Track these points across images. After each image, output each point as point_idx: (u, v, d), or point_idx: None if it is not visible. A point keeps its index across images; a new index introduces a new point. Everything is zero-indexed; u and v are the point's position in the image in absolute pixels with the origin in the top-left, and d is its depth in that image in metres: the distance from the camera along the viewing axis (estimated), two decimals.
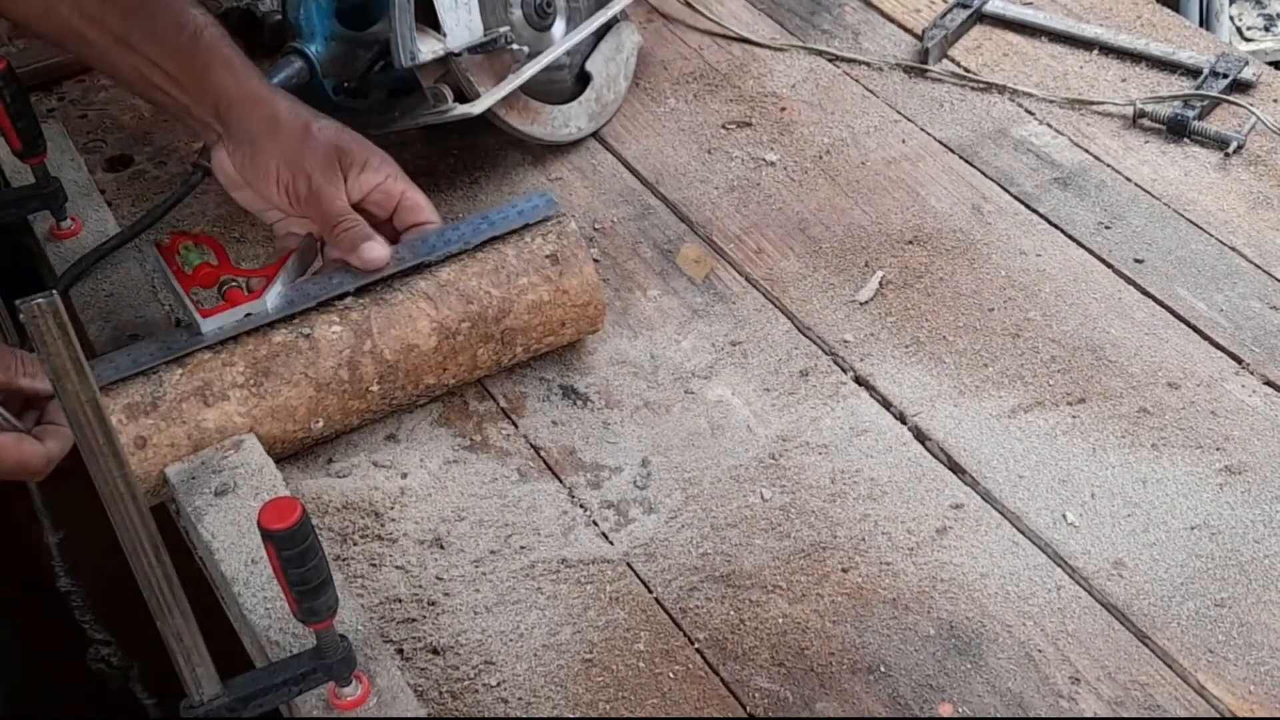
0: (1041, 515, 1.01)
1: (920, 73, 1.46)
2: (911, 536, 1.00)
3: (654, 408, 1.11)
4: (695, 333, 1.18)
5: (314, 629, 0.81)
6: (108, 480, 0.70)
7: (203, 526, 0.95)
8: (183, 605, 0.76)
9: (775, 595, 0.96)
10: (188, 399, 1.00)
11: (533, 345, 1.11)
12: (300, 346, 1.03)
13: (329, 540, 1.00)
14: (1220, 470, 1.04)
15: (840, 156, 1.36)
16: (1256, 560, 0.97)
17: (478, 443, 1.09)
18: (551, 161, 1.37)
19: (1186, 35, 1.49)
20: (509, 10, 1.29)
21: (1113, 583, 0.96)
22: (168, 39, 1.07)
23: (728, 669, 0.92)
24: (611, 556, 1.00)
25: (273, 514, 0.76)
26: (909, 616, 0.95)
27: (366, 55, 1.27)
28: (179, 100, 1.09)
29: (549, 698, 0.91)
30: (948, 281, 1.21)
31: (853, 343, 1.16)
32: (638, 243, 1.28)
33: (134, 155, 1.37)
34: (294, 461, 1.06)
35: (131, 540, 0.73)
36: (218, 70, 1.08)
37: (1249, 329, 1.15)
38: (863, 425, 1.09)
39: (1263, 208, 1.27)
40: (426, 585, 0.97)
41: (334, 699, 0.85)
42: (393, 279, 1.07)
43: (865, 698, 0.90)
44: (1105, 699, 0.89)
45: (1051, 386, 1.11)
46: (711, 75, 1.48)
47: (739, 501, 1.03)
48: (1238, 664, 0.91)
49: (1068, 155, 1.35)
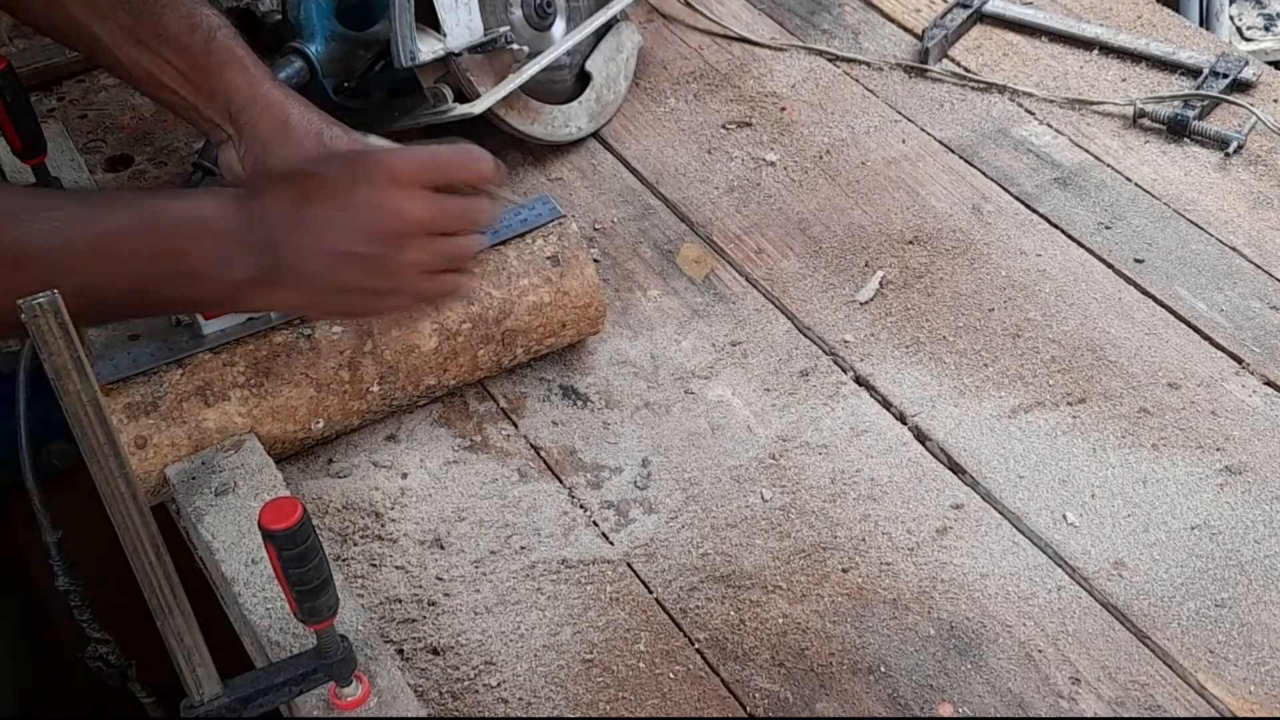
0: (1042, 515, 1.01)
1: (920, 73, 1.46)
2: (911, 536, 1.00)
3: (654, 408, 1.11)
4: (695, 333, 1.18)
5: (314, 629, 0.81)
6: (108, 480, 0.70)
7: (203, 526, 0.95)
8: (183, 605, 0.76)
9: (775, 595, 0.96)
10: (188, 399, 1.00)
11: (533, 346, 1.12)
12: (301, 347, 1.03)
13: (329, 540, 1.00)
14: (1220, 470, 1.04)
15: (840, 156, 1.36)
16: (1257, 560, 0.97)
17: (478, 443, 1.09)
18: (551, 161, 1.37)
19: (1186, 35, 1.49)
20: (509, 10, 1.29)
21: (1113, 583, 0.96)
22: (180, 38, 1.07)
23: (728, 669, 0.92)
24: (612, 557, 1.00)
25: (273, 514, 0.76)
26: (909, 617, 0.95)
27: (366, 55, 1.27)
28: (188, 100, 1.09)
29: (549, 698, 0.91)
30: (948, 281, 1.21)
31: (853, 343, 1.16)
32: (638, 243, 1.28)
33: (134, 155, 1.37)
34: (294, 462, 1.06)
35: (132, 540, 0.73)
36: (230, 71, 1.07)
37: (1249, 329, 1.15)
38: (863, 425, 1.09)
39: (1263, 208, 1.27)
40: (427, 585, 0.97)
41: (334, 699, 0.85)
42: None
43: (865, 698, 0.90)
44: (1105, 699, 0.90)
45: (1051, 386, 1.11)
46: (711, 75, 1.48)
47: (739, 502, 1.03)
48: (1238, 664, 0.91)
49: (1068, 155, 1.35)
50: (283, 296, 0.95)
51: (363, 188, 0.93)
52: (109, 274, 0.89)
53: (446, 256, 0.96)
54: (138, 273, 0.90)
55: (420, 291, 0.97)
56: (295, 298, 0.95)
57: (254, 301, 0.96)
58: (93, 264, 0.88)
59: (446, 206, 0.95)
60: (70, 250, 0.88)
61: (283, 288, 0.94)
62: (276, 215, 0.93)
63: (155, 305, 0.95)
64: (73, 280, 0.85)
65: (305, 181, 0.95)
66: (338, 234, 0.92)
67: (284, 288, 0.94)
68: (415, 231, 0.94)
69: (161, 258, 0.90)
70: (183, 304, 0.97)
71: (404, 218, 0.93)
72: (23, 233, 0.87)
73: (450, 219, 0.96)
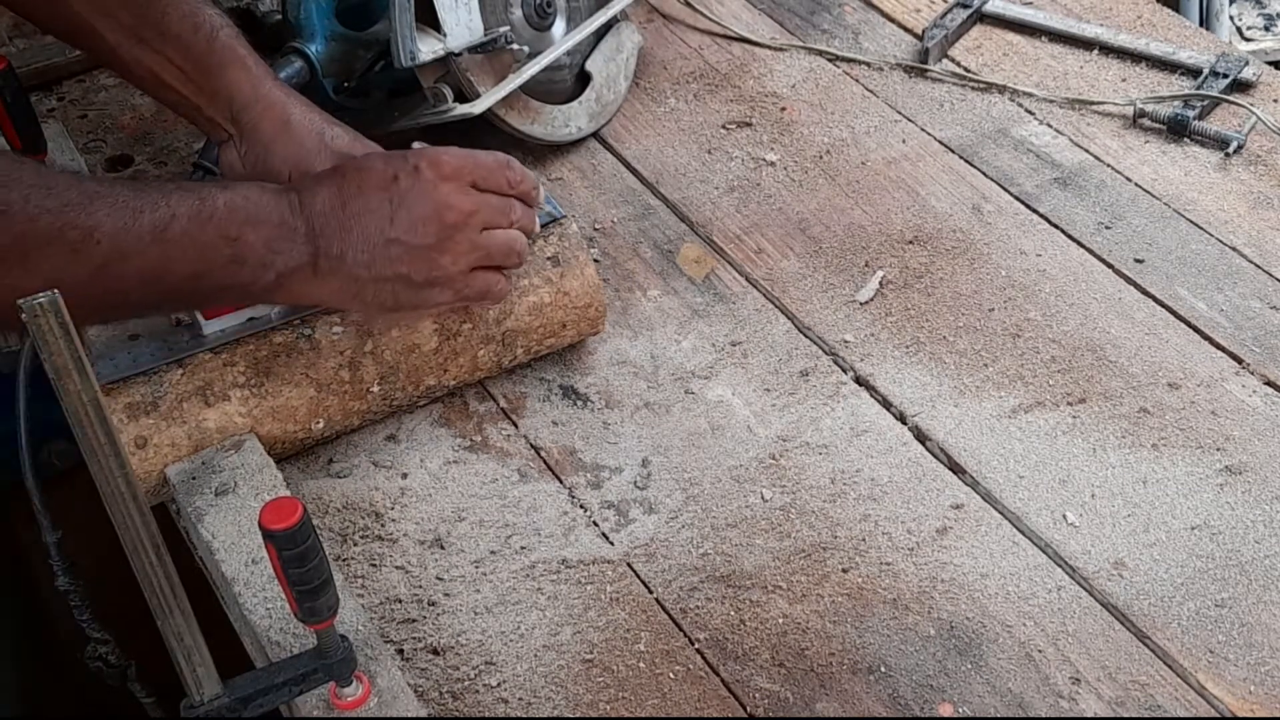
0: (1042, 515, 1.01)
1: (920, 73, 1.46)
2: (911, 537, 1.00)
3: (654, 408, 1.11)
4: (695, 333, 1.18)
5: (314, 629, 0.81)
6: (108, 480, 0.70)
7: (203, 526, 0.95)
8: (183, 605, 0.76)
9: (775, 595, 0.96)
10: (188, 399, 1.00)
11: (533, 347, 1.12)
12: (301, 347, 1.03)
13: (329, 540, 1.00)
14: (1220, 470, 1.04)
15: (840, 156, 1.36)
16: (1257, 560, 0.97)
17: (478, 443, 1.09)
18: (551, 161, 1.37)
19: (1186, 35, 1.49)
20: (509, 10, 1.29)
21: (1113, 583, 0.96)
22: (182, 37, 1.07)
23: (728, 669, 0.92)
24: (612, 557, 1.00)
25: (273, 514, 0.76)
26: (909, 617, 0.95)
27: (366, 55, 1.27)
28: (190, 99, 1.09)
29: (549, 698, 0.91)
30: (948, 282, 1.21)
31: (853, 343, 1.16)
32: (638, 243, 1.28)
33: (134, 155, 1.37)
34: (294, 462, 1.06)
35: (132, 540, 0.73)
36: (233, 71, 1.07)
37: (1249, 329, 1.15)
38: (863, 425, 1.09)
39: (1263, 208, 1.27)
40: (427, 585, 0.97)
41: (334, 699, 0.85)
42: None
43: (865, 698, 0.90)
44: (1105, 699, 0.90)
45: (1052, 386, 1.11)
46: (711, 75, 1.48)
47: (739, 502, 1.03)
48: (1238, 664, 0.91)
49: (1068, 155, 1.35)
50: (327, 287, 0.96)
51: (410, 179, 0.96)
52: (169, 259, 0.90)
53: (488, 252, 1.00)
54: (195, 258, 0.91)
55: (462, 285, 1.00)
56: (339, 288, 0.97)
57: (299, 291, 0.97)
58: (155, 249, 0.89)
59: (491, 202, 1.00)
60: (133, 234, 0.88)
61: (328, 278, 0.96)
62: (322, 206, 0.95)
63: (208, 294, 0.96)
64: (136, 265, 0.88)
65: (352, 175, 0.98)
66: (385, 222, 0.95)
67: (329, 277, 0.96)
68: (461, 222, 0.98)
69: (216, 245, 0.92)
70: (233, 293, 0.97)
71: (452, 208, 0.97)
72: (84, 216, 0.87)
73: (493, 213, 1.00)
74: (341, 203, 0.96)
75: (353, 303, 1.00)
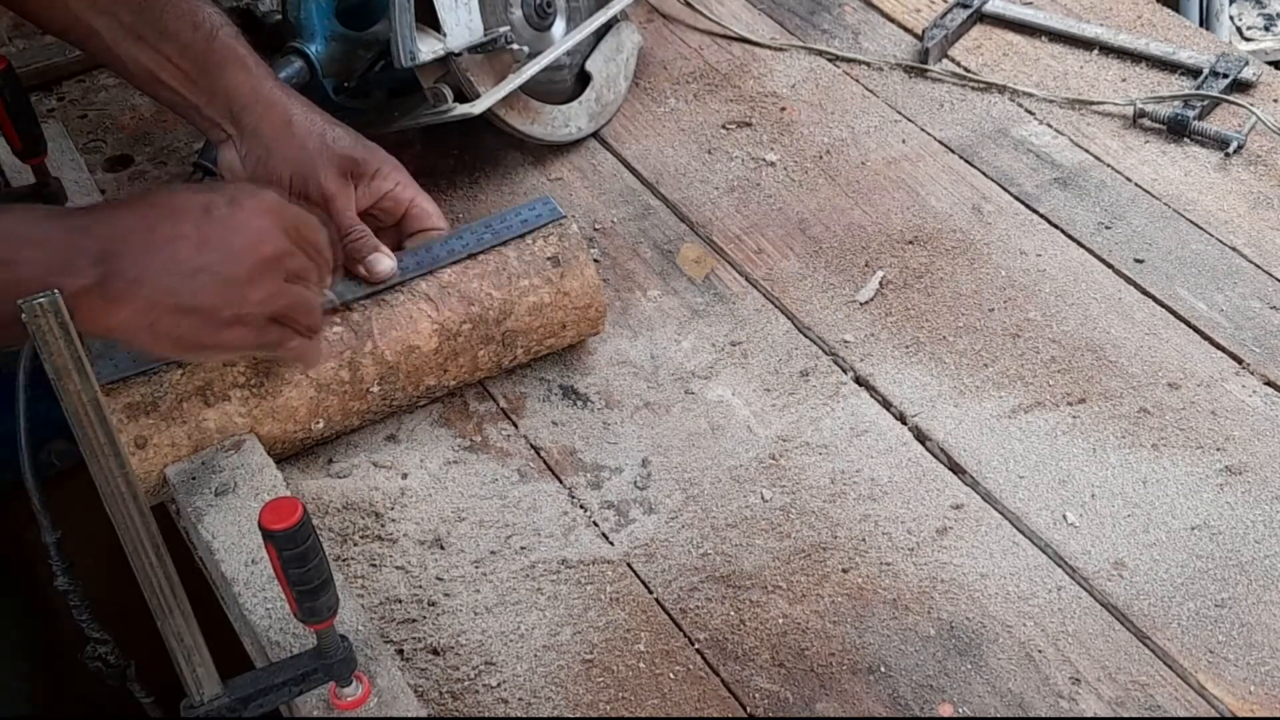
0: (1041, 515, 1.01)
1: (920, 73, 1.46)
2: (911, 537, 1.00)
3: (654, 408, 1.11)
4: (695, 333, 1.18)
5: (314, 629, 0.81)
6: (108, 480, 0.70)
7: (203, 526, 0.95)
8: (183, 605, 0.77)
9: (775, 596, 0.96)
10: (188, 399, 1.00)
11: (533, 347, 1.12)
12: None
13: (329, 540, 1.00)
14: (1220, 470, 1.04)
15: (840, 156, 1.36)
16: (1257, 560, 0.97)
17: (478, 443, 1.09)
18: (551, 161, 1.37)
19: (1186, 35, 1.49)
20: (509, 10, 1.29)
21: (1113, 583, 0.96)
22: (182, 36, 1.06)
23: (728, 669, 0.92)
24: (612, 557, 1.00)
25: (273, 514, 0.76)
26: (909, 617, 0.95)
27: (366, 55, 1.27)
28: (189, 99, 1.09)
29: (549, 698, 0.91)
30: (948, 282, 1.21)
31: (853, 343, 1.16)
32: (638, 243, 1.28)
33: (134, 155, 1.37)
34: (294, 462, 1.06)
35: (132, 540, 0.73)
36: (232, 70, 1.07)
37: (1249, 329, 1.15)
38: (863, 425, 1.09)
39: (1263, 208, 1.27)
40: (427, 586, 0.97)
41: (334, 699, 0.85)
42: None
43: (865, 698, 0.90)
44: (1105, 699, 0.90)
45: (1051, 387, 1.11)
46: (711, 75, 1.48)
47: (739, 502, 1.03)
48: (1238, 664, 0.91)
49: (1068, 155, 1.35)
50: (119, 314, 0.90)
51: (228, 208, 0.93)
52: None
53: (290, 303, 0.96)
54: None
55: (260, 332, 0.95)
56: (130, 317, 0.90)
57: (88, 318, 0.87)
58: None
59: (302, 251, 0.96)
60: None
61: (120, 304, 0.89)
62: (123, 229, 0.90)
63: None
64: None
65: (163, 200, 0.94)
66: (194, 250, 0.91)
67: (121, 304, 0.89)
68: (274, 259, 0.94)
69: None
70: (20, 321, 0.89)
71: (269, 242, 0.93)
72: None
73: (303, 264, 0.96)
74: (148, 226, 0.91)
75: (144, 334, 0.92)
